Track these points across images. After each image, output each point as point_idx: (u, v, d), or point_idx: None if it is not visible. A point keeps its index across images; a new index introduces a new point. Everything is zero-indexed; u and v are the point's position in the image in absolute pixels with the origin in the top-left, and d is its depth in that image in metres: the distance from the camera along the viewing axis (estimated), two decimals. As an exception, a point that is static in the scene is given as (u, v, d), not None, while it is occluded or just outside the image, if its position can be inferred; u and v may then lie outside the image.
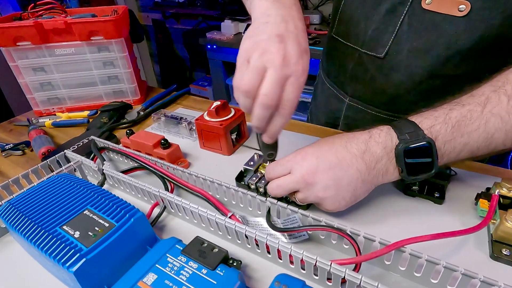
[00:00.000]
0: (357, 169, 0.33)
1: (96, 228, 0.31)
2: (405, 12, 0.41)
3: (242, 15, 1.60)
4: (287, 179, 0.35)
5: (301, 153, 0.36)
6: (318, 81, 0.68)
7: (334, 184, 0.33)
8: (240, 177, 0.45)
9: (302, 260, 0.29)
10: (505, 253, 0.32)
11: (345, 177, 0.33)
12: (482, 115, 0.30)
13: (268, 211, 0.37)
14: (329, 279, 0.30)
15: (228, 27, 1.59)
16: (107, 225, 0.31)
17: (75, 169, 0.47)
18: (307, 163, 0.34)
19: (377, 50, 0.45)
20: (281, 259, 0.33)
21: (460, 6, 0.36)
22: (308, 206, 0.40)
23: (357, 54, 0.48)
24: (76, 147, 0.53)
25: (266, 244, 0.32)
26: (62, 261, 0.28)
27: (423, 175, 0.32)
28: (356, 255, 0.31)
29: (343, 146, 0.34)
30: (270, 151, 0.39)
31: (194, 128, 0.57)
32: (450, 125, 0.31)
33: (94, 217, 0.32)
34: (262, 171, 0.44)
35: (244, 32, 1.50)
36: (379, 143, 0.33)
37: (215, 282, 0.28)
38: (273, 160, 0.40)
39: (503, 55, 0.39)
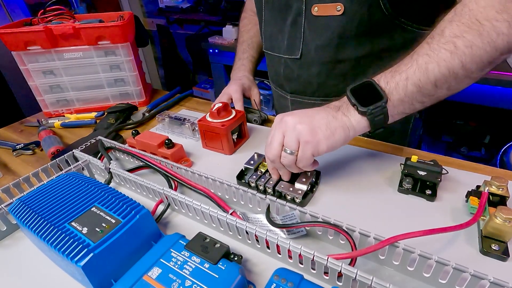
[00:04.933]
0: (325, 111, 0.40)
1: (103, 224, 0.32)
2: (303, 21, 0.52)
3: (244, 20, 1.61)
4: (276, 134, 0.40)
5: (284, 117, 0.41)
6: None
7: (308, 117, 0.39)
8: (240, 176, 0.46)
9: (300, 255, 0.30)
10: (494, 248, 0.32)
11: (316, 114, 0.39)
12: (412, 59, 0.37)
13: (268, 208, 0.37)
14: (326, 273, 0.31)
15: (229, 32, 1.61)
16: (113, 221, 0.32)
17: (83, 168, 0.48)
18: (285, 116, 0.40)
19: (294, 53, 0.56)
20: (280, 254, 0.34)
21: (337, 7, 0.48)
22: (305, 197, 0.41)
23: (282, 60, 0.60)
24: (84, 147, 0.54)
25: (266, 239, 0.32)
26: (71, 255, 0.29)
27: (376, 104, 0.36)
28: (352, 250, 0.31)
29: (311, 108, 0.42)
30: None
31: (196, 128, 0.58)
32: (388, 71, 0.38)
33: (101, 213, 0.33)
34: (262, 170, 0.45)
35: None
36: (337, 102, 0.41)
37: (217, 276, 0.29)
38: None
39: (385, 36, 0.50)
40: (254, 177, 0.44)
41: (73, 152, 0.50)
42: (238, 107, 0.61)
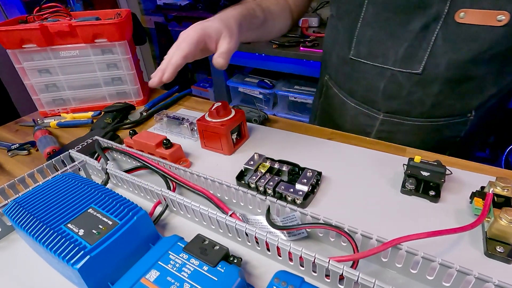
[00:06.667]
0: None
1: (100, 226, 0.31)
2: (438, 28, 0.42)
3: (243, 17, 1.60)
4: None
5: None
6: (331, 99, 0.64)
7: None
8: (240, 176, 0.46)
9: (301, 257, 0.30)
10: (499, 250, 0.32)
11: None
12: None
13: (268, 210, 0.37)
14: (327, 275, 0.30)
15: (229, 29, 1.60)
16: (110, 223, 0.32)
17: (79, 169, 0.48)
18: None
19: (412, 66, 0.46)
20: (280, 256, 0.33)
21: (498, 17, 0.37)
22: (306, 198, 0.41)
23: (389, 72, 0.48)
24: (81, 147, 0.54)
25: (266, 241, 0.32)
26: (67, 258, 0.28)
27: None
28: (354, 252, 0.31)
29: None
30: None
31: (195, 128, 0.58)
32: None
33: (98, 215, 0.33)
34: (262, 170, 0.45)
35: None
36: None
37: (216, 279, 0.28)
38: None
39: None
40: (254, 177, 0.43)
41: (69, 152, 0.49)
42: (171, 63, 0.42)
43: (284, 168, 0.45)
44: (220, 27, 0.44)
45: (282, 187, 0.42)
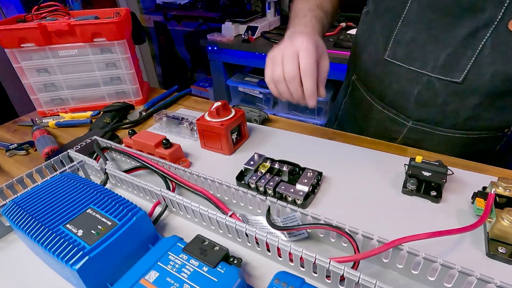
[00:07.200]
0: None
1: (99, 227, 0.31)
2: (488, 35, 0.39)
3: (242, 17, 1.60)
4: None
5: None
6: (357, 100, 0.62)
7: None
8: (240, 177, 0.46)
9: (301, 258, 0.30)
10: (501, 251, 0.32)
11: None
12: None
13: (268, 210, 0.37)
14: (328, 276, 0.30)
15: (229, 29, 1.60)
16: (109, 223, 0.31)
17: (78, 169, 0.48)
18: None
19: (453, 74, 0.43)
20: (280, 257, 0.33)
21: None
22: (306, 198, 0.40)
23: (425, 78, 0.45)
24: (79, 147, 0.54)
25: (266, 242, 0.32)
26: (66, 259, 0.28)
27: None
28: (355, 253, 0.31)
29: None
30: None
31: (195, 128, 0.58)
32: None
33: (97, 215, 0.33)
34: (262, 171, 0.44)
35: (244, 34, 1.51)
36: None
37: (216, 280, 0.28)
38: None
39: None
40: (254, 178, 0.43)
41: (68, 152, 0.49)
42: (310, 84, 0.40)
43: (285, 168, 0.44)
44: (324, 48, 0.44)
45: (283, 187, 0.41)
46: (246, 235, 0.34)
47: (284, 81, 0.41)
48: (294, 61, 0.40)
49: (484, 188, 0.39)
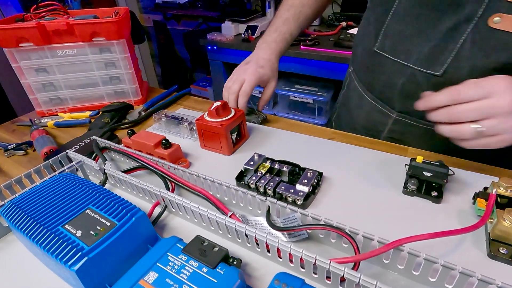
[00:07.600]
0: None
1: (98, 227, 0.31)
2: (469, 30, 0.39)
3: (242, 16, 1.60)
4: (491, 102, 0.33)
5: (501, 82, 0.34)
6: (351, 91, 0.64)
7: None
8: (240, 177, 0.46)
9: (301, 258, 0.30)
10: (502, 251, 0.32)
11: None
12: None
13: (268, 210, 0.37)
14: (328, 277, 0.30)
15: (228, 28, 1.59)
16: (108, 224, 0.31)
17: (77, 169, 0.47)
18: None
19: (434, 68, 0.44)
20: (280, 257, 0.33)
21: None
22: (307, 199, 0.40)
23: (409, 71, 0.46)
24: (78, 147, 0.54)
25: (266, 243, 0.32)
26: (64, 259, 0.28)
27: None
28: (355, 254, 0.31)
29: None
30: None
31: (194, 128, 0.58)
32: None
33: (96, 216, 0.32)
34: (262, 171, 0.44)
35: (244, 34, 1.51)
36: None
37: (216, 281, 0.28)
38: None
39: None
40: (254, 178, 0.43)
41: (66, 153, 0.49)
42: (241, 102, 0.58)
43: (285, 169, 0.44)
44: (271, 76, 0.62)
45: (283, 187, 0.41)
46: (246, 235, 0.34)
47: (227, 91, 0.58)
48: (239, 84, 0.58)
49: (485, 188, 0.39)
